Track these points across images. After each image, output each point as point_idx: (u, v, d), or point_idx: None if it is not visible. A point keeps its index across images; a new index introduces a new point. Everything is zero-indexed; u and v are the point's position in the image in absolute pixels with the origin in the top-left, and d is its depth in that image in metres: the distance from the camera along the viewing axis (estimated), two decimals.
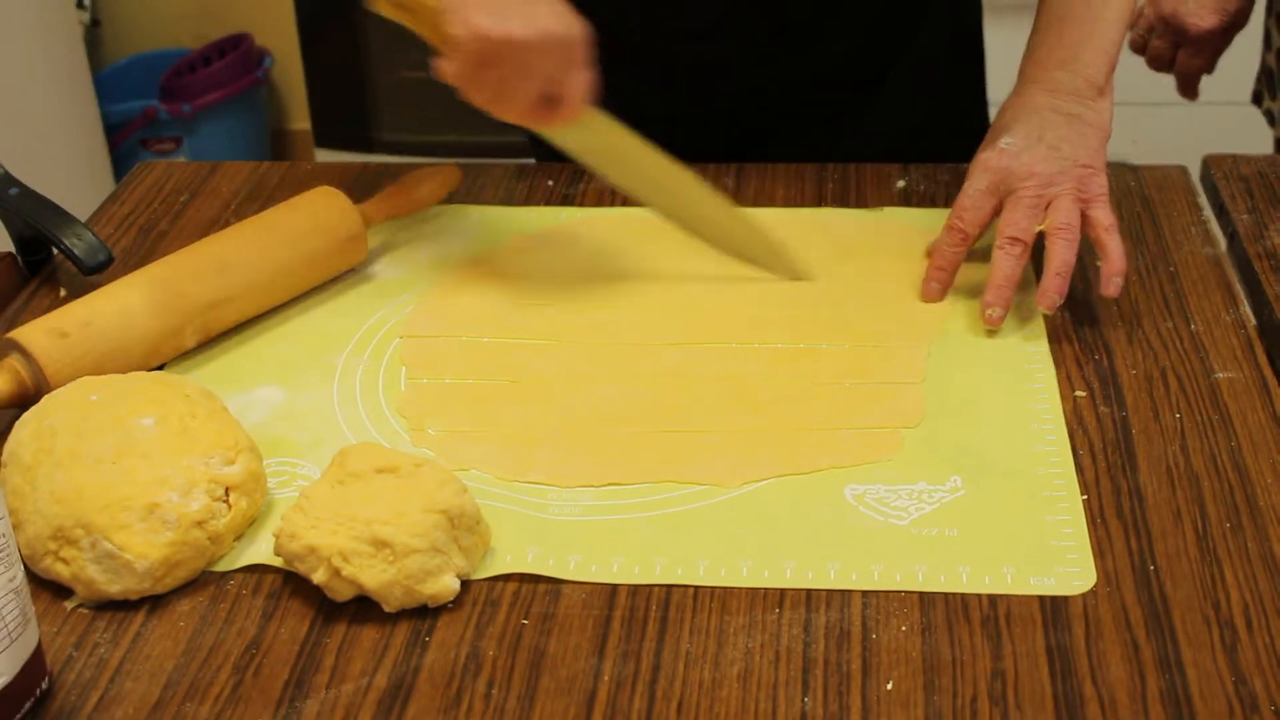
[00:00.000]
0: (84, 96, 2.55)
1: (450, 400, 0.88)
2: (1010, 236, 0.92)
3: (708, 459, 0.81)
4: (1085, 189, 0.93)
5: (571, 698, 0.66)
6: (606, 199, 1.10)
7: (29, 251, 1.01)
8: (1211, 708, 0.64)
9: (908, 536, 0.75)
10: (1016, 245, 0.92)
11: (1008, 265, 0.91)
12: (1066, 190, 0.93)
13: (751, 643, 0.69)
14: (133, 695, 0.67)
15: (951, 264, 0.95)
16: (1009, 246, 0.92)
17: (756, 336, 0.92)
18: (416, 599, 0.71)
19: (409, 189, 1.04)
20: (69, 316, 0.87)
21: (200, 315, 0.90)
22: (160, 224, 1.08)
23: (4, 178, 0.99)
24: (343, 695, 0.67)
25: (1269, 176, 1.08)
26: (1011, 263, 0.91)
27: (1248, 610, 0.69)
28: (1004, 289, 0.91)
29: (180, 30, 2.95)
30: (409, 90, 2.75)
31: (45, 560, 0.73)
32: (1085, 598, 0.71)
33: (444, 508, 0.71)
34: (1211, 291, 0.95)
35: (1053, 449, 0.81)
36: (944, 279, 0.95)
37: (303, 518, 0.72)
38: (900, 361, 0.89)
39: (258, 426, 0.84)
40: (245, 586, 0.74)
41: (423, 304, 0.97)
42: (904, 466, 0.80)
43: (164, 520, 0.72)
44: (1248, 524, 0.75)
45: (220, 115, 2.82)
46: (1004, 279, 0.91)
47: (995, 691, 0.66)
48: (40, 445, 0.75)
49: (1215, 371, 0.87)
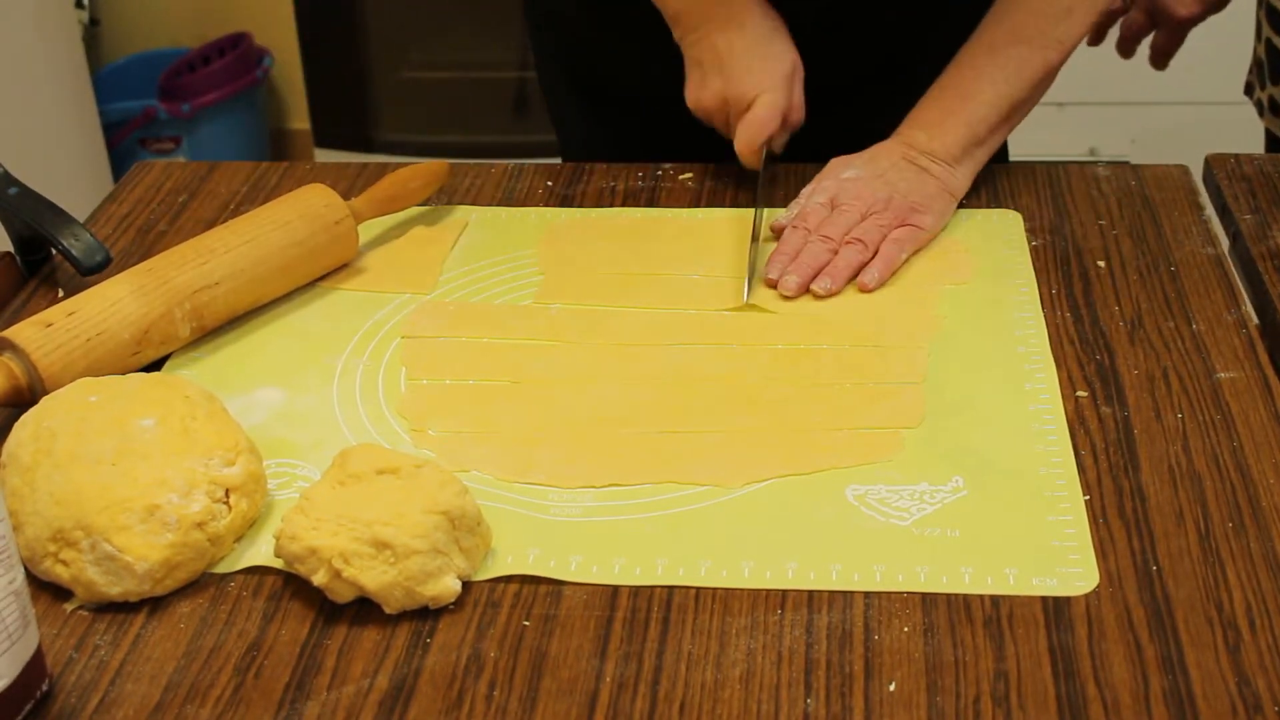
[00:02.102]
0: (83, 96, 2.55)
1: (451, 401, 0.87)
2: (822, 234, 0.98)
3: (709, 460, 0.81)
4: (903, 217, 1.00)
5: (573, 699, 0.66)
6: (606, 199, 1.10)
7: (28, 251, 1.01)
8: (1214, 708, 0.64)
9: (910, 537, 0.75)
10: (828, 242, 0.98)
11: (811, 251, 0.97)
12: (885, 214, 0.99)
13: (754, 644, 0.69)
14: (133, 697, 0.67)
15: (813, 263, 0.97)
16: (819, 241, 0.98)
17: (757, 337, 0.92)
18: (417, 600, 0.70)
19: (397, 185, 1.04)
20: (54, 310, 0.87)
21: (188, 299, 0.90)
22: (159, 224, 1.08)
23: (3, 177, 0.99)
24: (344, 697, 0.67)
25: (1271, 176, 1.08)
26: (813, 248, 0.97)
27: (1250, 610, 0.69)
28: (803, 267, 0.96)
29: (179, 30, 2.95)
30: (409, 90, 2.75)
31: (45, 562, 0.72)
32: (1088, 598, 0.71)
33: (445, 509, 0.71)
34: (1213, 291, 0.95)
35: (1054, 449, 0.81)
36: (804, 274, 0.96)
37: (303, 519, 0.72)
38: (900, 361, 0.89)
39: (258, 428, 0.84)
40: (246, 588, 0.73)
41: (423, 304, 0.97)
42: (905, 467, 0.80)
43: (164, 522, 0.72)
44: (1250, 524, 0.75)
45: (219, 115, 2.82)
46: (803, 258, 0.97)
47: (998, 692, 0.65)
48: (40, 446, 0.75)
49: (1217, 371, 0.87)
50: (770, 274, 0.97)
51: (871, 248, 0.98)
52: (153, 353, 0.90)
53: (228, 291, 0.92)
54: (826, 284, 0.95)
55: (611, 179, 1.12)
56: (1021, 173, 1.11)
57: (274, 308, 0.97)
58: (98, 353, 0.86)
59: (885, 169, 1.02)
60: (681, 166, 1.13)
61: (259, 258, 0.94)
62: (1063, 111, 2.36)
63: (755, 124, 1.04)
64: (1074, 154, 2.40)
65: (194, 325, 0.91)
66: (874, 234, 0.98)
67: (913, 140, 1.04)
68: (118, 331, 0.87)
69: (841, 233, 0.98)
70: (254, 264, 0.94)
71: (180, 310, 0.90)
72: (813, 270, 0.96)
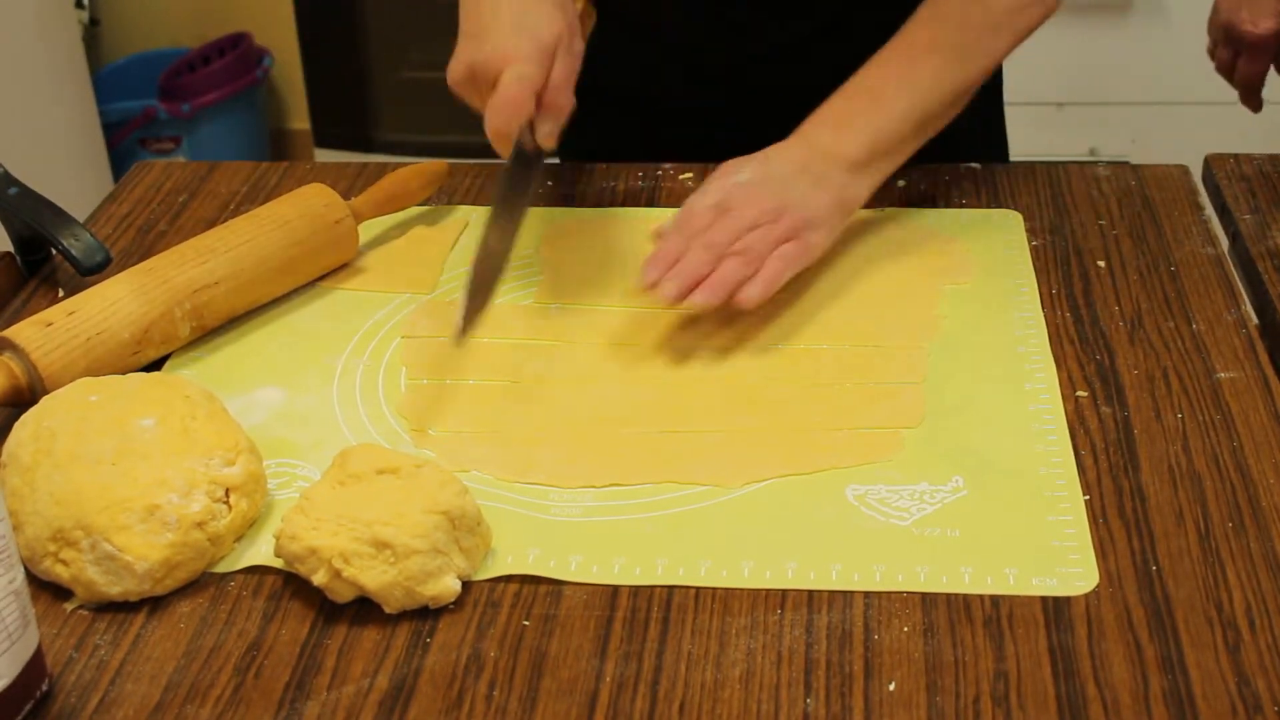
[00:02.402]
0: (83, 96, 2.55)
1: (451, 401, 0.87)
2: (705, 242, 0.90)
3: (709, 460, 0.81)
4: (793, 231, 0.92)
5: (573, 699, 0.66)
6: (606, 199, 1.10)
7: (28, 251, 1.01)
8: (1214, 708, 0.64)
9: (910, 537, 0.75)
10: (712, 251, 0.90)
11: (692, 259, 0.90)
12: (775, 225, 0.92)
13: (753, 644, 0.69)
14: (133, 697, 0.67)
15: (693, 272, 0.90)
16: (701, 249, 0.90)
17: (757, 337, 0.92)
18: (417, 600, 0.70)
19: (397, 185, 1.04)
20: (54, 309, 0.87)
21: (187, 299, 0.90)
22: (159, 224, 1.08)
23: (3, 177, 0.99)
24: (344, 697, 0.67)
25: (1271, 176, 1.08)
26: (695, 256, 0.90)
27: (1250, 610, 0.69)
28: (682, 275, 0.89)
29: (179, 30, 2.95)
30: (409, 90, 2.75)
31: (45, 562, 0.72)
32: (1088, 598, 0.71)
33: (445, 509, 0.71)
34: (1213, 291, 0.95)
35: (1054, 449, 0.81)
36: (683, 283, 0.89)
37: (303, 519, 0.72)
38: (900, 361, 0.89)
39: (258, 428, 0.84)
40: (246, 588, 0.73)
41: (423, 304, 0.97)
42: (906, 467, 0.80)
43: (164, 521, 0.72)
44: (1250, 524, 0.75)
45: (219, 115, 2.82)
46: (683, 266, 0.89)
47: (998, 692, 0.65)
48: (40, 446, 0.75)
49: (1217, 371, 0.87)
50: (648, 276, 0.89)
51: (755, 262, 0.90)
52: (153, 352, 0.90)
53: (228, 291, 0.92)
54: (704, 298, 0.88)
55: (611, 179, 1.12)
56: (1021, 173, 1.11)
57: (274, 308, 0.97)
58: (98, 352, 0.86)
59: (780, 174, 0.94)
60: (681, 166, 1.13)
61: (259, 257, 0.94)
62: (1063, 111, 2.36)
63: (501, 105, 0.89)
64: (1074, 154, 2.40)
65: (194, 325, 0.91)
66: (761, 246, 0.91)
67: (815, 140, 0.96)
68: (118, 331, 0.87)
69: (727, 240, 0.90)
70: (254, 264, 0.94)
71: (180, 310, 0.90)
72: (692, 280, 0.89)
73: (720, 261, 0.90)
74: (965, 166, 1.12)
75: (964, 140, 1.14)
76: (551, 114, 0.92)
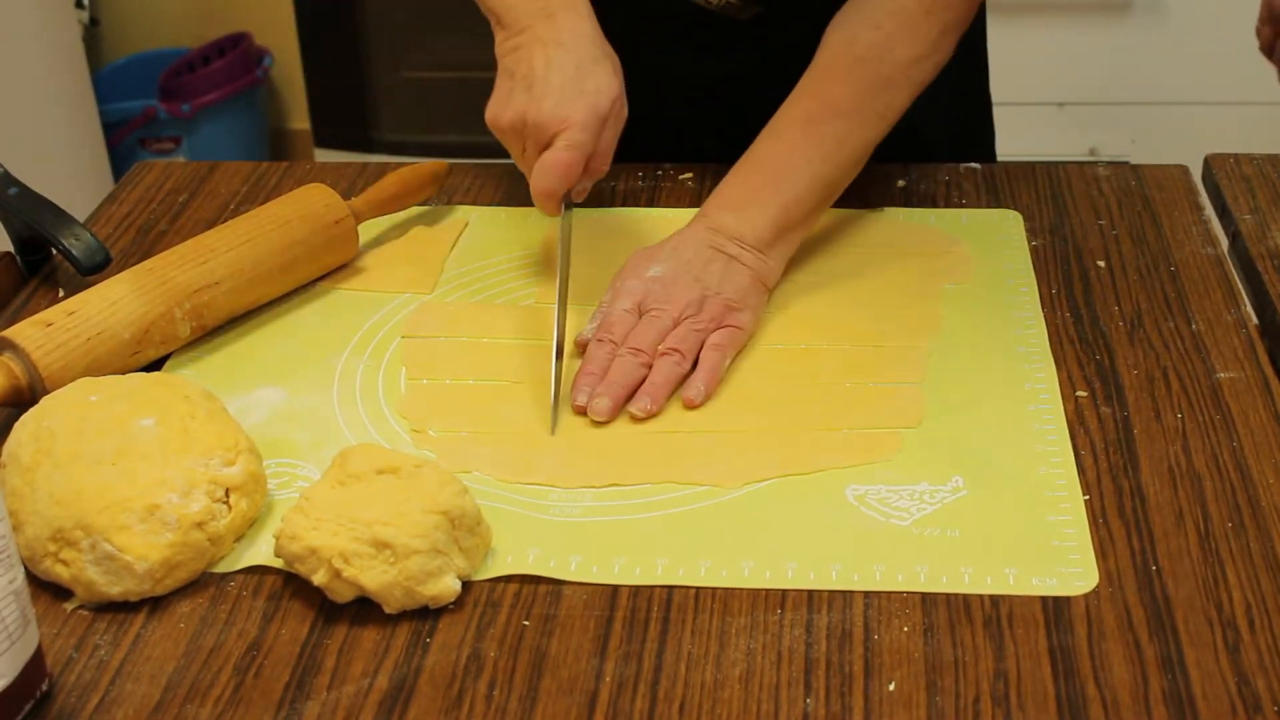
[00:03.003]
0: (83, 96, 2.55)
1: (451, 401, 0.87)
2: (632, 347, 0.87)
3: (709, 460, 0.81)
4: (720, 319, 0.90)
5: (573, 699, 0.66)
6: (606, 200, 1.10)
7: (28, 251, 1.01)
8: (1214, 708, 0.64)
9: (909, 537, 0.75)
10: (640, 355, 0.87)
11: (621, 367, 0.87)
12: (700, 316, 0.89)
13: (753, 644, 0.69)
14: (133, 697, 0.67)
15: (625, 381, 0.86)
16: (629, 355, 0.87)
17: (757, 337, 0.92)
18: (417, 600, 0.71)
19: (397, 185, 1.04)
20: (54, 309, 0.87)
21: (188, 299, 0.90)
22: (159, 224, 1.08)
23: (3, 177, 0.99)
24: (344, 697, 0.67)
25: (1270, 176, 1.08)
26: (623, 363, 0.87)
27: (1250, 610, 0.69)
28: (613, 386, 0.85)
29: (179, 30, 2.95)
30: (409, 90, 2.75)
31: (45, 562, 0.72)
32: (1087, 598, 0.71)
33: (445, 509, 0.71)
34: (1213, 291, 0.95)
35: (1054, 449, 0.81)
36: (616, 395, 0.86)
37: (303, 519, 0.72)
38: (900, 361, 0.89)
39: (258, 427, 0.84)
40: (246, 588, 0.74)
41: (423, 304, 0.97)
42: (905, 467, 0.80)
43: (164, 521, 0.72)
44: (1250, 524, 0.75)
45: (219, 115, 2.82)
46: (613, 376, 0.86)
47: (998, 692, 0.65)
48: (40, 446, 0.75)
49: (1217, 371, 0.87)
50: (577, 399, 0.85)
51: (690, 357, 0.87)
52: (153, 352, 0.90)
53: (228, 291, 0.92)
54: (645, 404, 0.84)
55: (611, 179, 1.12)
56: (1021, 173, 1.11)
57: (274, 308, 0.97)
58: (98, 352, 0.86)
59: (692, 262, 0.92)
60: (681, 166, 1.13)
61: (259, 257, 0.94)
62: (1063, 111, 2.36)
63: (554, 169, 0.89)
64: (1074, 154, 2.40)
65: (194, 325, 0.91)
66: (691, 341, 0.88)
67: (720, 224, 0.94)
68: (118, 331, 0.87)
69: (653, 342, 0.88)
70: (254, 264, 0.94)
71: (180, 310, 0.90)
72: (625, 389, 0.85)
73: (650, 365, 0.87)
74: (965, 167, 1.12)
75: (964, 140, 1.14)
76: (591, 176, 0.94)
